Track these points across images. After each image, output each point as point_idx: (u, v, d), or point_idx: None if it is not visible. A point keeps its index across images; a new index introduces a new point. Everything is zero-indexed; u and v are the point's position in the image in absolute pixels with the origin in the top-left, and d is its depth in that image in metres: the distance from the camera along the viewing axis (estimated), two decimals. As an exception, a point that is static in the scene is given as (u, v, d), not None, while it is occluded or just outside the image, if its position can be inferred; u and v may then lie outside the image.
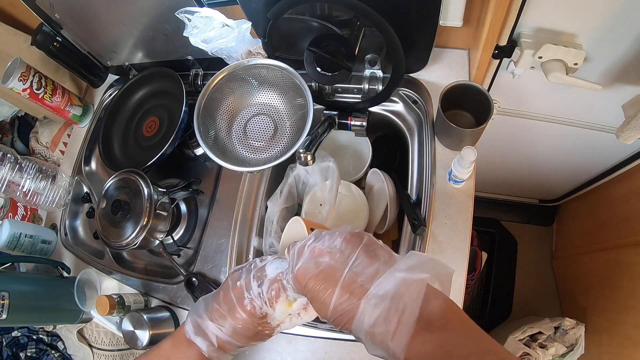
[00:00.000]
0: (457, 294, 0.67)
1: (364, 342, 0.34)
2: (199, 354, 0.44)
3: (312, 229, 0.44)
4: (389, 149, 0.92)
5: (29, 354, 0.88)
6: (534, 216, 1.54)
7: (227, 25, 0.69)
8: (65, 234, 0.94)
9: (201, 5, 0.71)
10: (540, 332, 1.18)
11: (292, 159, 0.69)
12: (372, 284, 0.33)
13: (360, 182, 0.90)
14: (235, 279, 0.46)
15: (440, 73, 0.81)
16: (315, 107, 0.72)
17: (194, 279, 0.79)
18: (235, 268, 0.48)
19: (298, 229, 0.47)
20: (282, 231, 0.49)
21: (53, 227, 0.96)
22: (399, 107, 0.82)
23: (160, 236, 0.79)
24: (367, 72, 0.77)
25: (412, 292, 0.32)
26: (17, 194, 0.85)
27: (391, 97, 0.81)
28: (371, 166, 0.86)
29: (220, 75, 0.75)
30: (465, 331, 0.32)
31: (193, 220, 0.89)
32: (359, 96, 0.82)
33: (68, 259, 0.92)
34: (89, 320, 0.86)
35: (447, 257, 0.70)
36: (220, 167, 0.86)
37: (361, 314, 0.33)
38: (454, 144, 0.75)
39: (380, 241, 0.38)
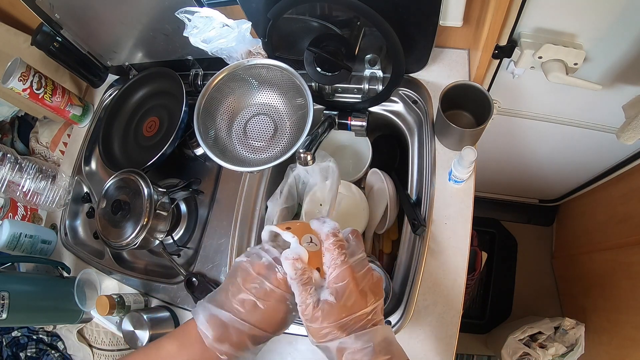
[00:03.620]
0: (457, 294, 0.67)
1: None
2: (207, 354, 0.42)
3: (287, 228, 0.44)
4: (389, 149, 0.92)
5: (29, 354, 0.88)
6: (534, 216, 1.54)
7: (227, 25, 0.69)
8: (65, 234, 0.94)
9: (201, 5, 0.71)
10: (540, 332, 1.18)
11: (292, 159, 0.69)
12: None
13: (360, 182, 0.90)
14: (249, 263, 0.44)
15: (440, 73, 0.80)
16: (315, 107, 0.72)
17: (194, 279, 0.79)
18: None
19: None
20: None
21: (53, 227, 0.96)
22: (399, 107, 0.82)
23: (160, 236, 0.79)
24: (367, 72, 0.77)
25: None
26: (17, 194, 0.85)
27: (391, 97, 0.81)
28: (371, 166, 0.86)
29: (220, 75, 0.75)
30: None
31: (193, 220, 0.89)
32: (359, 96, 0.82)
33: (68, 259, 0.92)
34: (89, 320, 0.86)
35: (447, 257, 0.70)
36: (220, 167, 0.86)
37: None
38: (454, 144, 0.75)
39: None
